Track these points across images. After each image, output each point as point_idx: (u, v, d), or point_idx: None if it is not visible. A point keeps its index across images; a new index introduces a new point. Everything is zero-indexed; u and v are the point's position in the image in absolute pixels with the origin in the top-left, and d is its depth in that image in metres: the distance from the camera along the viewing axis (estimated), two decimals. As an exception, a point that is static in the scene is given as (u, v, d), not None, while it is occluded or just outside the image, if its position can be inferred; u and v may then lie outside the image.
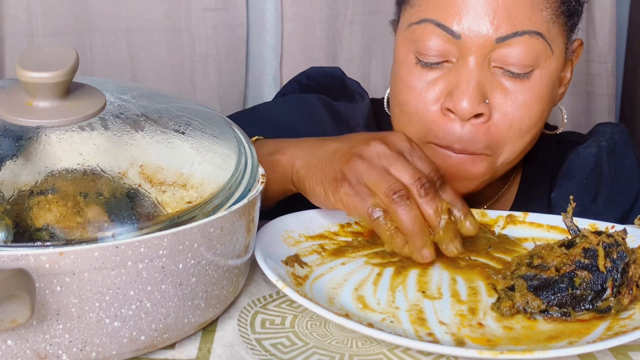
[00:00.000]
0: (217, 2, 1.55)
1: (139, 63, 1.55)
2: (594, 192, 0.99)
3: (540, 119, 0.90)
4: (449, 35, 0.86)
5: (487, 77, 0.87)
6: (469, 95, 0.85)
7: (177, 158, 0.68)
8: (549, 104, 0.91)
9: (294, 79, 1.15)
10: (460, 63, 0.87)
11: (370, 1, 1.60)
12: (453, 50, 0.87)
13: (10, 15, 1.46)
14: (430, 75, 0.89)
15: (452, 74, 0.88)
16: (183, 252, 0.62)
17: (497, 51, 0.86)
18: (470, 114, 0.86)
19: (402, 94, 0.91)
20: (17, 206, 0.60)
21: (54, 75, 0.65)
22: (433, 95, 0.89)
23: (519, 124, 0.88)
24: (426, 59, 0.88)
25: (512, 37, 0.85)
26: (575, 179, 1.00)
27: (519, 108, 0.88)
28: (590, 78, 1.72)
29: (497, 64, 0.87)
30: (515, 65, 0.86)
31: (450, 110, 0.87)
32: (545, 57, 0.87)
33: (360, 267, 0.79)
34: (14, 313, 0.55)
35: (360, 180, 0.76)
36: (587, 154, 1.00)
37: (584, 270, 0.71)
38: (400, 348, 0.66)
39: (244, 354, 0.65)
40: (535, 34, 0.86)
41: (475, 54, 0.86)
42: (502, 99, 0.87)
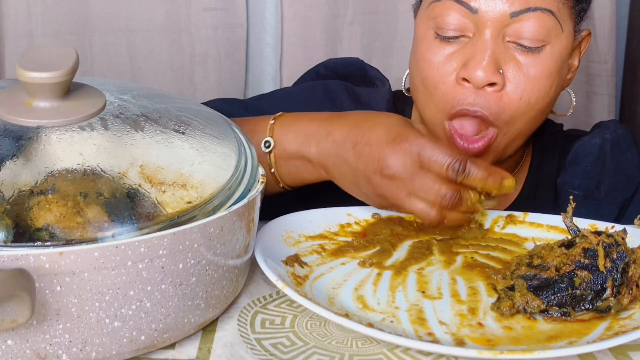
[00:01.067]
0: (217, 2, 1.55)
1: (139, 63, 1.55)
2: (597, 179, 1.04)
3: (547, 94, 0.94)
4: (466, 10, 0.92)
5: (501, 50, 0.92)
6: (483, 64, 0.90)
7: (177, 158, 0.68)
8: (557, 81, 0.95)
9: (311, 69, 1.19)
10: (477, 37, 0.92)
11: (370, 1, 1.60)
12: (470, 25, 0.92)
13: (10, 15, 1.46)
14: (448, 49, 0.94)
15: (468, 47, 0.92)
16: (183, 252, 0.62)
17: (511, 26, 0.91)
18: (485, 82, 0.91)
19: (422, 69, 0.96)
20: (17, 206, 0.60)
21: (54, 75, 0.65)
22: (450, 68, 0.93)
23: (529, 96, 0.92)
24: (444, 33, 0.93)
25: (525, 12, 0.91)
26: (580, 166, 1.04)
27: (529, 80, 0.92)
28: (590, 78, 1.72)
29: (510, 38, 0.92)
30: (527, 39, 0.91)
31: (466, 79, 0.92)
32: (555, 34, 0.92)
33: (360, 267, 0.79)
34: (14, 313, 0.55)
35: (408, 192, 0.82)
36: (592, 144, 1.05)
37: (584, 270, 0.71)
38: (400, 348, 0.66)
39: (244, 354, 0.65)
40: (547, 11, 0.91)
41: (491, 28, 0.91)
42: (515, 71, 0.92)
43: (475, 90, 0.92)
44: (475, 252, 0.83)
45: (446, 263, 0.81)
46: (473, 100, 0.92)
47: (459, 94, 0.93)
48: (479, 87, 0.91)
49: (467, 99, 0.92)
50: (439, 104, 0.95)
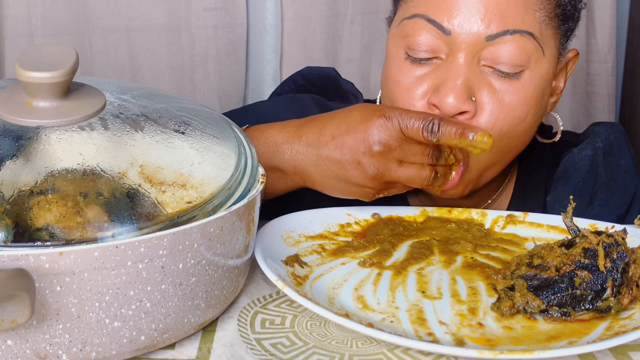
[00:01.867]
0: (217, 2, 1.55)
1: (139, 63, 1.55)
2: (589, 195, 0.99)
3: (523, 121, 0.89)
4: (439, 30, 0.86)
5: (475, 75, 0.86)
6: (455, 91, 0.84)
7: (177, 158, 0.68)
8: (535, 108, 0.90)
9: (289, 78, 1.16)
10: (450, 60, 0.86)
11: (370, 1, 1.61)
12: (442, 47, 0.87)
13: (10, 15, 1.46)
14: (419, 71, 0.88)
15: (440, 71, 0.87)
16: (183, 252, 0.62)
17: (487, 49, 0.85)
18: (456, 111, 0.85)
19: (390, 90, 0.91)
20: (17, 206, 0.60)
21: (54, 75, 0.65)
22: (420, 91, 0.88)
23: (501, 124, 0.87)
24: (415, 54, 0.88)
25: (503, 35, 0.85)
26: (571, 182, 0.99)
27: (503, 108, 0.87)
28: (590, 78, 1.72)
29: (486, 63, 0.86)
30: (505, 64, 0.86)
31: (436, 106, 0.86)
32: (536, 58, 0.87)
33: (360, 267, 0.79)
34: (14, 313, 0.55)
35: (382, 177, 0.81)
36: (583, 157, 0.99)
37: (584, 270, 0.71)
38: (400, 348, 0.66)
39: (244, 354, 0.65)
40: (527, 33, 0.85)
41: (465, 51, 0.85)
42: (488, 98, 0.86)
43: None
44: (475, 252, 0.83)
45: (446, 263, 0.81)
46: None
47: None
48: (449, 116, 0.85)
49: None
50: None
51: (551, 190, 1.00)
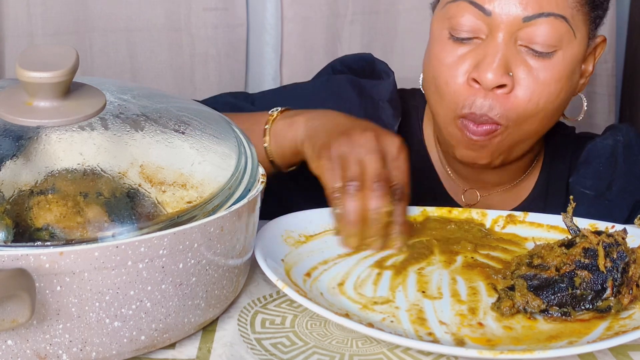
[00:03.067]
0: (217, 2, 1.55)
1: (139, 63, 1.55)
2: (609, 180, 1.05)
3: (557, 98, 0.95)
4: (480, 12, 0.93)
5: (512, 53, 0.93)
6: (494, 66, 0.92)
7: (177, 158, 0.68)
8: (567, 86, 0.96)
9: (328, 65, 1.21)
10: (489, 39, 0.93)
11: (370, 1, 1.60)
12: (483, 27, 0.94)
13: (10, 15, 1.46)
14: (461, 50, 0.95)
15: (480, 49, 0.94)
16: (183, 251, 0.62)
17: (523, 30, 0.92)
18: (494, 84, 0.92)
19: (435, 68, 0.97)
20: (17, 206, 0.60)
21: (54, 75, 0.65)
22: (462, 68, 0.95)
23: (537, 99, 0.94)
24: (458, 34, 0.95)
25: (538, 17, 0.92)
26: (592, 166, 1.06)
27: (539, 84, 0.93)
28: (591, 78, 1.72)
29: (522, 42, 0.93)
30: (539, 44, 0.93)
31: (476, 80, 0.93)
32: (567, 40, 0.94)
33: (360, 267, 0.79)
34: (14, 313, 0.55)
35: (339, 158, 0.83)
36: (604, 145, 1.07)
37: (584, 270, 0.71)
38: (400, 348, 0.67)
39: (244, 353, 0.65)
40: (560, 17, 0.92)
41: (504, 31, 0.93)
42: (525, 74, 0.93)
43: (485, 91, 0.93)
44: (476, 252, 0.83)
45: (446, 263, 0.81)
46: (481, 102, 0.94)
47: (469, 95, 0.94)
48: (488, 89, 0.93)
49: (476, 100, 0.94)
50: (449, 103, 0.96)
51: (574, 173, 1.07)
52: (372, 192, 0.81)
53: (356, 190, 0.81)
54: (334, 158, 0.83)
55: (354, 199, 0.80)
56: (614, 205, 1.04)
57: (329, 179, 0.82)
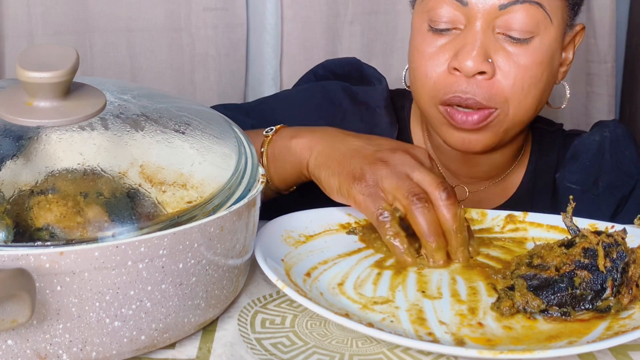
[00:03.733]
0: (217, 2, 1.55)
1: (139, 63, 1.55)
2: (596, 175, 1.06)
3: (540, 81, 0.97)
4: (457, 3, 0.95)
5: (490, 41, 0.95)
6: (472, 55, 0.94)
7: (177, 158, 0.68)
8: (547, 70, 0.98)
9: (310, 71, 1.21)
10: (467, 29, 0.95)
11: (370, 1, 1.60)
12: (461, 18, 0.95)
13: (10, 15, 1.46)
14: (440, 40, 0.97)
15: (459, 39, 0.96)
16: (183, 251, 0.62)
17: (500, 18, 0.94)
18: (474, 71, 0.94)
19: (416, 60, 0.99)
20: (17, 206, 0.60)
21: (54, 75, 0.65)
22: (442, 58, 0.97)
23: (521, 82, 0.95)
24: (437, 25, 0.97)
25: (514, 4, 0.94)
26: (579, 161, 1.07)
27: (519, 68, 0.95)
28: (590, 78, 1.72)
29: (500, 30, 0.95)
30: (516, 31, 0.94)
31: (457, 69, 0.95)
32: (544, 26, 0.95)
33: (360, 267, 0.79)
34: (14, 313, 0.55)
35: (379, 184, 0.81)
36: (591, 141, 1.08)
37: (583, 270, 0.71)
38: (400, 348, 0.67)
39: (244, 353, 0.65)
40: (535, 3, 0.94)
41: (481, 20, 0.94)
42: (504, 60, 0.95)
43: (467, 79, 0.95)
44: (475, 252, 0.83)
45: (446, 263, 0.81)
46: (465, 88, 0.95)
47: (451, 82, 0.96)
48: (469, 76, 0.94)
49: (459, 87, 0.95)
50: (431, 91, 0.98)
51: (560, 168, 1.08)
52: (443, 201, 0.79)
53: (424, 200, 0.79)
54: (371, 185, 0.81)
55: (426, 210, 0.79)
56: (601, 200, 1.05)
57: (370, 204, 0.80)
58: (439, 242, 0.79)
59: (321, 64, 1.21)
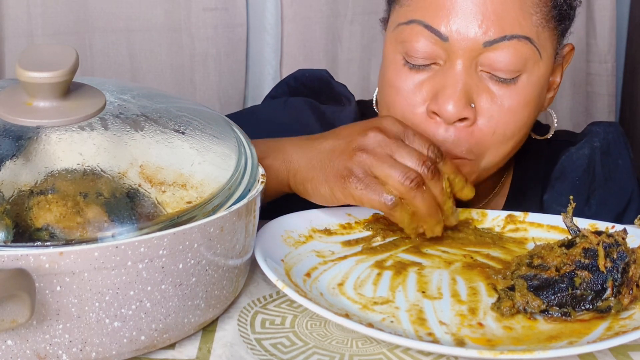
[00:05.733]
0: (217, 2, 1.55)
1: (139, 63, 1.55)
2: (586, 194, 0.99)
3: (525, 124, 0.90)
4: (436, 37, 0.86)
5: (473, 81, 0.86)
6: (454, 99, 0.85)
7: (177, 158, 0.68)
8: (535, 109, 0.90)
9: (282, 81, 1.16)
10: (448, 66, 0.86)
11: (370, 1, 1.60)
12: (440, 53, 0.86)
13: (10, 15, 1.46)
14: (418, 77, 0.88)
15: (438, 77, 0.87)
16: (183, 252, 0.62)
17: (484, 55, 0.85)
18: (455, 118, 0.85)
19: (389, 95, 0.91)
20: (17, 206, 0.60)
21: (54, 75, 0.65)
22: (419, 98, 0.88)
23: (504, 129, 0.88)
24: (413, 61, 0.88)
25: (500, 41, 0.85)
26: (568, 180, 0.99)
27: (504, 113, 0.87)
28: (590, 78, 1.72)
29: (484, 68, 0.86)
30: (502, 71, 0.86)
31: (436, 113, 0.86)
32: (533, 62, 0.87)
33: (360, 267, 0.79)
34: (14, 313, 0.55)
35: (369, 173, 0.79)
36: (580, 156, 1.00)
37: (584, 270, 0.71)
38: (400, 348, 0.67)
39: (244, 354, 0.65)
40: (524, 38, 0.85)
41: (463, 57, 0.85)
42: (488, 104, 0.86)
43: (446, 125, 0.87)
44: (476, 251, 0.83)
45: (446, 263, 0.81)
46: (443, 136, 0.87)
47: (428, 127, 0.87)
48: (449, 123, 0.86)
49: (437, 134, 0.87)
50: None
51: (548, 189, 1.00)
52: (430, 180, 0.79)
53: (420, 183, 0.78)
54: (363, 177, 0.79)
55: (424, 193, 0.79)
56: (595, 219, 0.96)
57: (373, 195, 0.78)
58: (437, 218, 0.81)
59: (293, 74, 1.14)
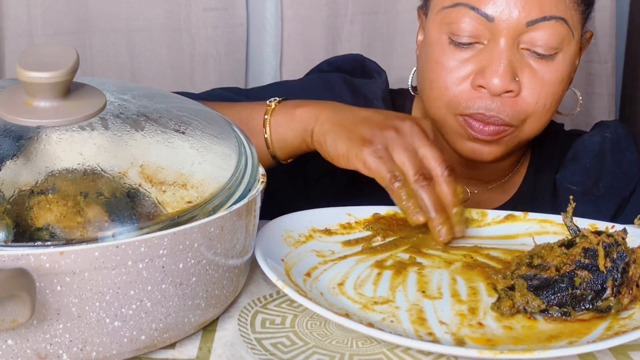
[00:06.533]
0: (217, 2, 1.55)
1: (139, 63, 1.55)
2: (596, 177, 1.07)
3: (560, 98, 0.98)
4: (482, 18, 0.93)
5: (516, 58, 0.94)
6: (500, 73, 0.93)
7: (177, 158, 0.68)
8: (567, 85, 0.99)
9: (315, 67, 1.21)
10: (492, 44, 0.94)
11: (370, 1, 1.60)
12: (485, 32, 0.94)
13: (10, 15, 1.46)
14: (462, 54, 0.96)
15: (483, 55, 0.94)
16: (183, 251, 0.62)
17: (526, 34, 0.93)
18: (502, 90, 0.93)
19: (434, 71, 0.98)
20: (17, 206, 0.60)
21: (54, 75, 0.65)
22: (464, 73, 0.95)
23: (544, 100, 0.96)
24: (459, 39, 0.95)
25: (541, 21, 0.93)
26: (580, 162, 1.07)
27: (545, 86, 0.95)
28: (590, 78, 1.72)
29: (525, 46, 0.94)
30: (542, 47, 0.94)
31: (482, 86, 0.94)
32: (567, 41, 0.95)
33: (360, 267, 0.79)
34: (14, 313, 0.55)
35: (388, 148, 0.83)
36: (592, 142, 1.09)
37: (584, 270, 0.71)
38: (400, 348, 0.67)
39: (244, 353, 0.65)
40: (561, 19, 0.94)
41: (507, 36, 0.93)
42: (530, 78, 0.94)
43: (492, 96, 0.94)
44: (476, 251, 0.83)
45: (446, 263, 0.81)
46: (489, 105, 0.94)
47: (474, 98, 0.95)
48: (496, 95, 0.94)
49: (483, 104, 0.95)
50: (451, 103, 0.97)
51: (561, 169, 1.09)
52: (445, 178, 0.83)
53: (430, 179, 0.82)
54: (380, 149, 0.83)
55: (430, 189, 0.82)
56: (601, 202, 1.05)
57: (383, 170, 0.82)
58: (442, 216, 0.83)
59: (326, 60, 1.21)
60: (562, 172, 1.08)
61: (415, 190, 0.82)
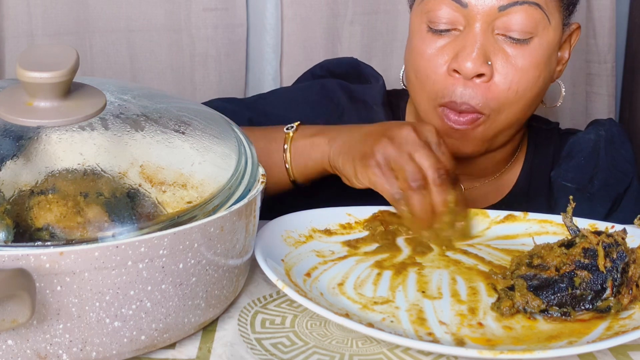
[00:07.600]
0: (217, 2, 1.55)
1: (139, 63, 1.55)
2: (590, 174, 1.07)
3: (535, 84, 0.98)
4: (457, 4, 0.96)
5: (490, 42, 0.96)
6: (472, 57, 0.94)
7: (177, 158, 0.68)
8: (545, 72, 0.98)
9: (307, 71, 1.22)
10: (467, 30, 0.96)
11: (370, 1, 1.60)
12: (460, 19, 0.96)
13: (10, 15, 1.46)
14: (440, 42, 0.98)
15: (459, 40, 0.96)
16: (183, 252, 0.62)
17: (499, 19, 0.95)
18: (473, 73, 0.95)
19: (415, 61, 1.00)
20: (17, 206, 0.60)
21: (54, 75, 0.65)
22: (441, 60, 0.97)
23: (517, 86, 0.96)
24: (436, 26, 0.97)
25: (513, 5, 0.94)
26: (574, 159, 1.08)
27: (518, 71, 0.96)
28: (590, 78, 1.72)
29: (500, 31, 0.96)
30: (516, 32, 0.95)
31: (456, 70, 0.95)
32: (542, 26, 0.96)
33: (360, 267, 0.79)
34: (14, 313, 0.55)
35: (387, 162, 0.84)
36: (586, 140, 1.10)
37: (583, 270, 0.71)
38: (400, 348, 0.67)
39: (244, 353, 0.65)
40: (534, 4, 0.95)
41: (480, 21, 0.95)
42: (503, 62, 0.96)
43: (465, 81, 0.95)
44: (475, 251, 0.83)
45: (446, 263, 0.81)
46: (461, 92, 0.96)
47: (449, 84, 0.96)
48: (468, 78, 0.95)
49: (456, 90, 0.96)
50: (430, 93, 0.99)
51: (555, 166, 1.09)
52: (436, 186, 0.83)
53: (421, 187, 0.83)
54: (382, 163, 0.84)
55: (421, 197, 0.83)
56: (596, 198, 1.06)
57: (385, 184, 0.84)
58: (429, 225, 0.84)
59: (319, 64, 1.21)
60: (556, 170, 1.09)
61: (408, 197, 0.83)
